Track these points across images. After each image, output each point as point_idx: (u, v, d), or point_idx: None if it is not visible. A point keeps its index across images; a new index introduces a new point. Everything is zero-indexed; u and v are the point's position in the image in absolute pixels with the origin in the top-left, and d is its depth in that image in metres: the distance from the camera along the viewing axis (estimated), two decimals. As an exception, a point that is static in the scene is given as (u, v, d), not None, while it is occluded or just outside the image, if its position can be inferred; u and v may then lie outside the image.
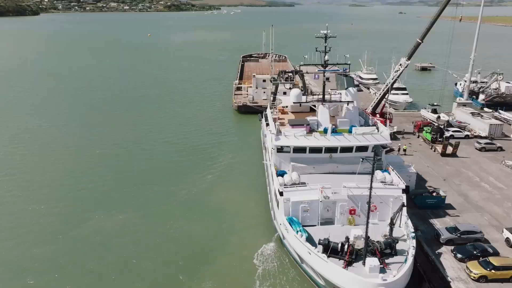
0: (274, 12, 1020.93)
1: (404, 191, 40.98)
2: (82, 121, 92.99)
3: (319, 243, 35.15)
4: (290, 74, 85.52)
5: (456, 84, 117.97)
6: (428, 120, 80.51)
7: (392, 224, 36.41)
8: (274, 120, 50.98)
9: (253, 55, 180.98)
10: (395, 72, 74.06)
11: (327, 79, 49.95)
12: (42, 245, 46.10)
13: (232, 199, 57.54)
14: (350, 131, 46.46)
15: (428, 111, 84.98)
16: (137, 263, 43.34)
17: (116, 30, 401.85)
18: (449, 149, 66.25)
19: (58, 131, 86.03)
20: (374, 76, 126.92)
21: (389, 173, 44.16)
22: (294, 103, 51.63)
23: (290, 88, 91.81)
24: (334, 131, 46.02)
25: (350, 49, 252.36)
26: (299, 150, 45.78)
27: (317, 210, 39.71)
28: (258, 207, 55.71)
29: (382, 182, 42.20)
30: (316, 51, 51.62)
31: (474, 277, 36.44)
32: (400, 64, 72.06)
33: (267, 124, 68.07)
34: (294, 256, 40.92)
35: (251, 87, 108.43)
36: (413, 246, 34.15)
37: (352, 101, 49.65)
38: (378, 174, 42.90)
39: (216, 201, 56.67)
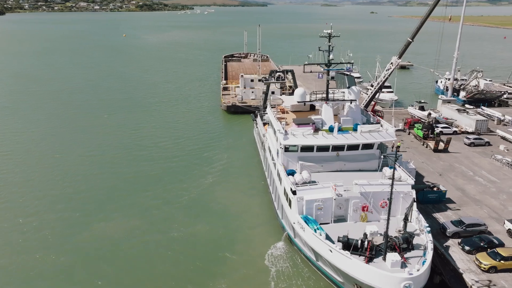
0: (247, 12, 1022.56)
1: (412, 187, 41.89)
2: (67, 125, 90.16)
3: (338, 241, 35.49)
4: (280, 73, 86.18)
5: (437, 81, 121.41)
6: (417, 117, 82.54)
7: (406, 220, 37.14)
8: (279, 119, 51.01)
9: (235, 55, 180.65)
10: (386, 70, 75.56)
11: (332, 78, 50.51)
12: (47, 253, 44.70)
13: (234, 199, 57.33)
14: (354, 129, 47.06)
15: (416, 108, 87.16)
16: (147, 266, 42.71)
17: (89, 30, 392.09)
18: (441, 145, 68.24)
19: (44, 136, 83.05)
20: (358, 75, 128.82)
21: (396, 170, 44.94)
22: (298, 102, 51.87)
23: (281, 88, 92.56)
24: (340, 129, 46.52)
25: (337, 48, 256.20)
26: (306, 148, 46.09)
27: (331, 208, 40.08)
28: (261, 207, 55.80)
29: (390, 178, 42.91)
30: (319, 50, 52.08)
31: (484, 268, 37.65)
32: (391, 63, 73.58)
33: (265, 124, 68.35)
34: (307, 254, 41.14)
35: (238, 87, 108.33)
36: (431, 240, 34.98)
37: (355, 100, 50.39)
38: (387, 170, 43.73)
39: (218, 202, 56.35)
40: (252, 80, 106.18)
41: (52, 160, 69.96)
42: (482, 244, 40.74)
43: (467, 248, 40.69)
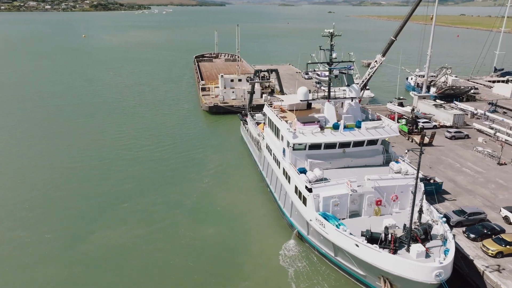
0: (207, 12, 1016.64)
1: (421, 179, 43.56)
2: (43, 132, 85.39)
3: (362, 235, 36.36)
4: (265, 73, 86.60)
5: (407, 78, 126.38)
6: (398, 113, 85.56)
7: (421, 211, 38.59)
8: (283, 118, 51.34)
9: (205, 55, 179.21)
10: (370, 68, 77.85)
11: (336, 76, 51.49)
12: (50, 266, 42.59)
13: (235, 201, 57.08)
14: (358, 126, 48.17)
15: (395, 105, 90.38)
16: (159, 275, 41.52)
17: (44, 31, 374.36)
18: (426, 139, 71.15)
19: (20, 145, 77.87)
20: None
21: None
22: (301, 101, 52.45)
23: (266, 87, 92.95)
24: (345, 126, 47.53)
25: (303, 47, 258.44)
26: (314, 146, 46.79)
27: (346, 204, 40.96)
28: (263, 207, 55.99)
29: (397, 172, 44.55)
30: (320, 49, 52.94)
31: (492, 253, 39.86)
32: (376, 61, 75.90)
33: (258, 123, 68.48)
34: (323, 251, 41.83)
35: (217, 87, 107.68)
36: (449, 230, 36.61)
37: (356, 97, 51.66)
38: (394, 165, 45.24)
39: (220, 204, 55.84)
40: (232, 80, 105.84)
41: (37, 171, 65.92)
42: (485, 231, 43.09)
43: (472, 236, 42.87)
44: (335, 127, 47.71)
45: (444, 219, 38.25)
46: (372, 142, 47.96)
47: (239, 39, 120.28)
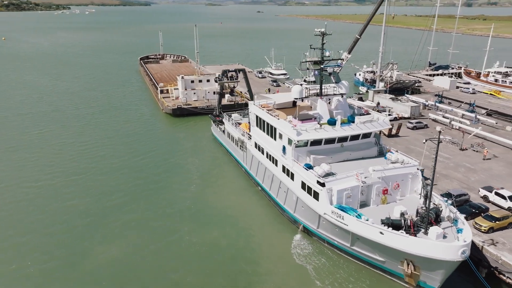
0: (132, 12, 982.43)
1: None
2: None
3: (382, 223, 38.40)
4: (233, 72, 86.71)
5: (355, 74, 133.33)
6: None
7: (426, 197, 41.52)
8: (278, 116, 52.02)
9: (150, 57, 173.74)
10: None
11: (330, 74, 53.23)
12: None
13: (229, 202, 56.71)
14: (351, 121, 50.42)
15: (355, 100, 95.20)
16: (176, 284, 40.33)
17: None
18: (393, 131, 76.19)
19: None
20: (284, 72, 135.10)
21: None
22: (295, 99, 53.52)
23: (234, 87, 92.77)
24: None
25: (247, 47, 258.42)
26: (315, 142, 48.21)
27: (357, 195, 42.88)
28: (258, 205, 56.40)
29: (394, 162, 47.47)
30: (311, 48, 54.37)
31: (484, 229, 44.17)
32: (342, 58, 79.42)
33: (239, 124, 68.51)
34: (336, 242, 43.42)
35: (177, 89, 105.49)
36: (457, 211, 39.93)
37: (345, 93, 53.97)
38: (392, 156, 48.13)
39: (216, 207, 55.01)
40: (192, 81, 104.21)
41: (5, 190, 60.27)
42: (473, 210, 47.58)
43: (463, 215, 47.00)
44: (331, 122, 49.49)
45: (450, 201, 41.55)
46: (366, 136, 50.54)
47: (197, 40, 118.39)
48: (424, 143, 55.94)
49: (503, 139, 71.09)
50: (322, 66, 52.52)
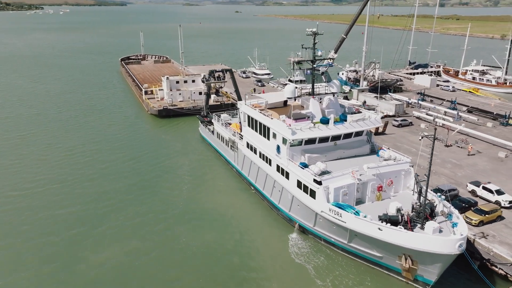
0: (108, 12, 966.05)
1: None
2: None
3: (379, 219, 39.10)
4: (220, 73, 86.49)
5: (338, 73, 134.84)
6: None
7: (420, 193, 42.51)
8: (273, 116, 52.21)
9: (131, 58, 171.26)
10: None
11: (323, 73, 53.75)
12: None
13: (222, 203, 56.50)
14: (343, 119, 51.05)
15: (341, 99, 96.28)
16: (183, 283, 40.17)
17: None
18: (379, 128, 77.54)
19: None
20: (268, 72, 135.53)
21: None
22: (288, 98, 53.82)
23: (221, 87, 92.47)
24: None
25: (229, 47, 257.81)
26: (309, 141, 48.62)
27: (353, 192, 43.49)
28: (252, 205, 56.48)
29: (387, 159, 48.35)
30: (302, 47, 54.76)
31: (475, 223, 45.52)
32: (334, 58, 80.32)
33: (229, 124, 68.38)
34: (332, 240, 43.95)
35: (161, 89, 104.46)
36: (451, 206, 41.00)
37: (337, 92, 54.64)
38: (384, 153, 49.00)
39: (209, 208, 54.76)
40: (177, 82, 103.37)
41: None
42: (464, 205, 48.95)
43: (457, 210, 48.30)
44: (324, 121, 49.97)
45: (443, 196, 42.63)
46: (358, 134, 51.28)
47: (182, 40, 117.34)
48: (420, 140, 57.22)
49: (485, 135, 73.39)
50: (314, 65, 53.01)
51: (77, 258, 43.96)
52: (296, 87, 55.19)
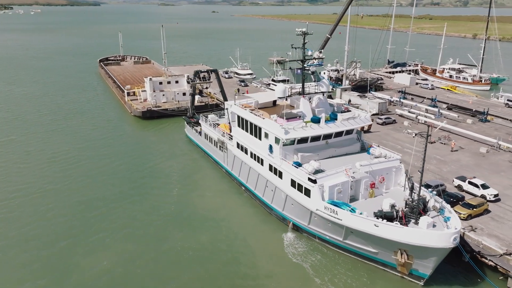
0: (82, 12, 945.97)
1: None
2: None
3: (375, 215, 39.82)
4: (205, 73, 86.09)
5: (320, 72, 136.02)
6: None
7: (412, 189, 43.51)
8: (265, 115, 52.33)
9: (110, 59, 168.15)
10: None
11: (313, 73, 54.16)
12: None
13: (214, 204, 56.37)
14: (334, 118, 51.64)
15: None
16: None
17: None
18: (365, 127, 78.77)
19: None
20: (250, 72, 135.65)
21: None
22: (279, 98, 54.07)
23: (206, 88, 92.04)
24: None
25: (209, 47, 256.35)
26: (301, 140, 49.04)
27: (348, 190, 44.12)
28: (244, 205, 56.60)
29: (378, 157, 49.25)
30: (292, 47, 55.07)
31: (463, 217, 46.87)
32: (323, 58, 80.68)
33: (217, 125, 68.13)
34: (327, 237, 44.48)
35: (144, 91, 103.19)
36: (443, 201, 42.13)
37: (327, 92, 55.25)
38: (375, 151, 49.90)
39: (201, 210, 54.50)
40: (161, 83, 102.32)
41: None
42: (452, 199, 50.32)
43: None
44: (315, 120, 50.46)
45: (435, 192, 43.76)
46: (349, 132, 52.05)
47: (164, 41, 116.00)
48: (413, 137, 58.51)
49: (466, 131, 75.64)
50: (304, 65, 53.45)
51: (69, 263, 43.07)
52: (285, 87, 55.54)
